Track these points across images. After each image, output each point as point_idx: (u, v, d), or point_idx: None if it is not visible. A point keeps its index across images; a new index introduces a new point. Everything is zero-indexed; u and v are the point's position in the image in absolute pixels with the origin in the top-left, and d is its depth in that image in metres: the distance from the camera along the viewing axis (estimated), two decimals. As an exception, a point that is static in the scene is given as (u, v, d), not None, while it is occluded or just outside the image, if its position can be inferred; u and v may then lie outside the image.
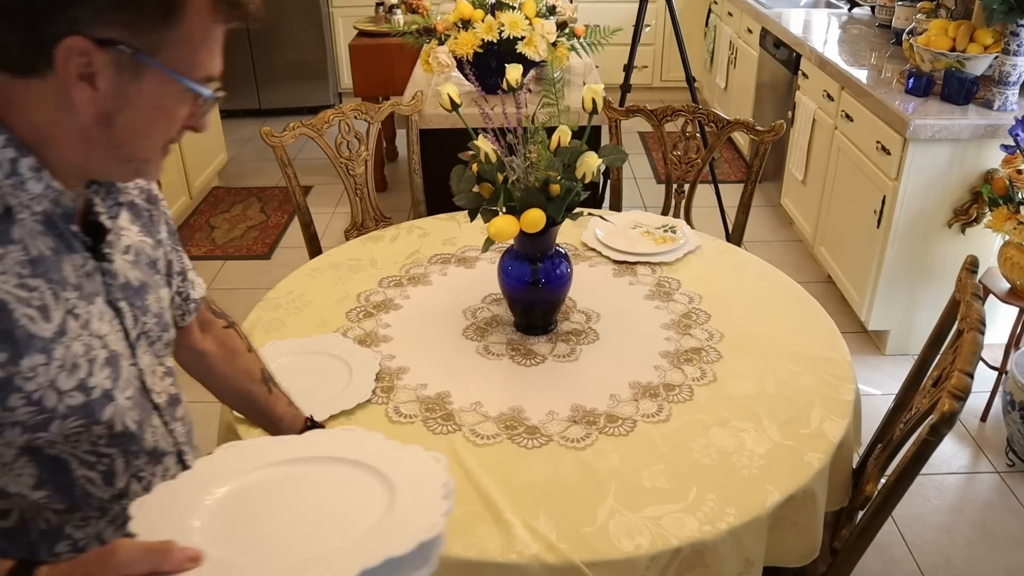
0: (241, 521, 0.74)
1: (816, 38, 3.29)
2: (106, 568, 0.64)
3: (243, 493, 0.78)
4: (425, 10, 2.56)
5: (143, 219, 0.93)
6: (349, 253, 1.84)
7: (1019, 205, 2.23)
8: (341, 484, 0.79)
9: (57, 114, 0.70)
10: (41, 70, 0.67)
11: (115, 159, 0.75)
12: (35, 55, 0.66)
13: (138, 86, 0.70)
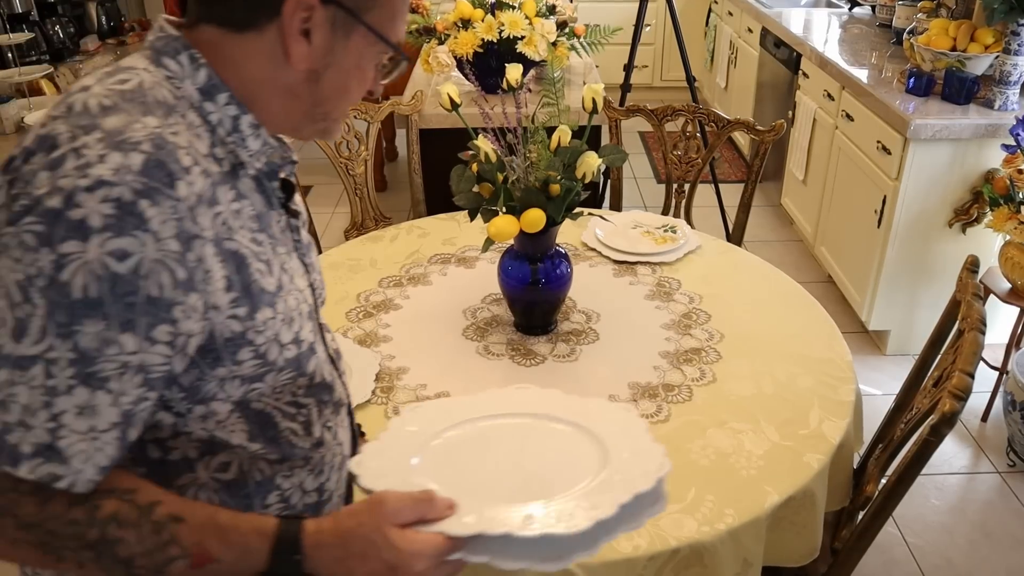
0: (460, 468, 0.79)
1: (816, 38, 3.29)
2: (378, 518, 0.69)
3: (453, 444, 0.83)
4: (425, 10, 2.55)
5: None
6: (349, 253, 1.84)
7: (1020, 205, 2.23)
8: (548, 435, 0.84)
9: (269, 70, 0.72)
10: (261, 24, 0.70)
11: (311, 117, 0.77)
12: (259, 9, 0.69)
13: (345, 44, 0.73)
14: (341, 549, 0.70)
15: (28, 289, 0.60)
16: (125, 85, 0.68)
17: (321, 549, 0.69)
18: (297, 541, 0.69)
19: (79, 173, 0.61)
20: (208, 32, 0.71)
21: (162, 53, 0.72)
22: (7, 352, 0.61)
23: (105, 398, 0.63)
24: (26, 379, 0.61)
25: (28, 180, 0.62)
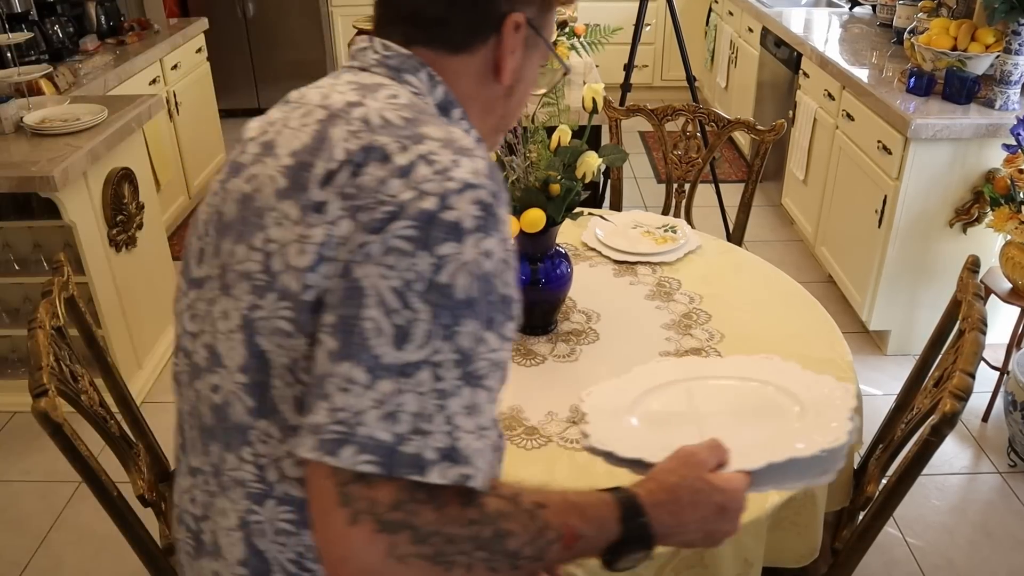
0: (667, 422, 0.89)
1: (817, 37, 3.28)
2: (696, 468, 0.75)
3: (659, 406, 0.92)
4: (425, 9, 2.55)
5: None
6: (348, 253, 1.84)
7: (1020, 205, 2.23)
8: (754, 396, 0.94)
9: (475, 87, 0.76)
10: (475, 46, 0.74)
11: (498, 129, 0.82)
12: (477, 32, 0.74)
13: (530, 60, 0.79)
14: (673, 504, 0.73)
15: (406, 294, 0.60)
16: (400, 99, 0.71)
17: (657, 507, 0.72)
18: (637, 505, 0.71)
19: (442, 177, 0.62)
20: (422, 53, 0.75)
21: (401, 70, 0.74)
22: (388, 362, 0.59)
23: (484, 396, 0.63)
24: (413, 385, 0.59)
25: (375, 188, 0.62)
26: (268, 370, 0.67)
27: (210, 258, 0.73)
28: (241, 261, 0.68)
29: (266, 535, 0.71)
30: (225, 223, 0.72)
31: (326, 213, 0.64)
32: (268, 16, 4.88)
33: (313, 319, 0.63)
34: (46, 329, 1.27)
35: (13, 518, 2.15)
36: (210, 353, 0.72)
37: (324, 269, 0.63)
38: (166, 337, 2.82)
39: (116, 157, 2.49)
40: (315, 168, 0.66)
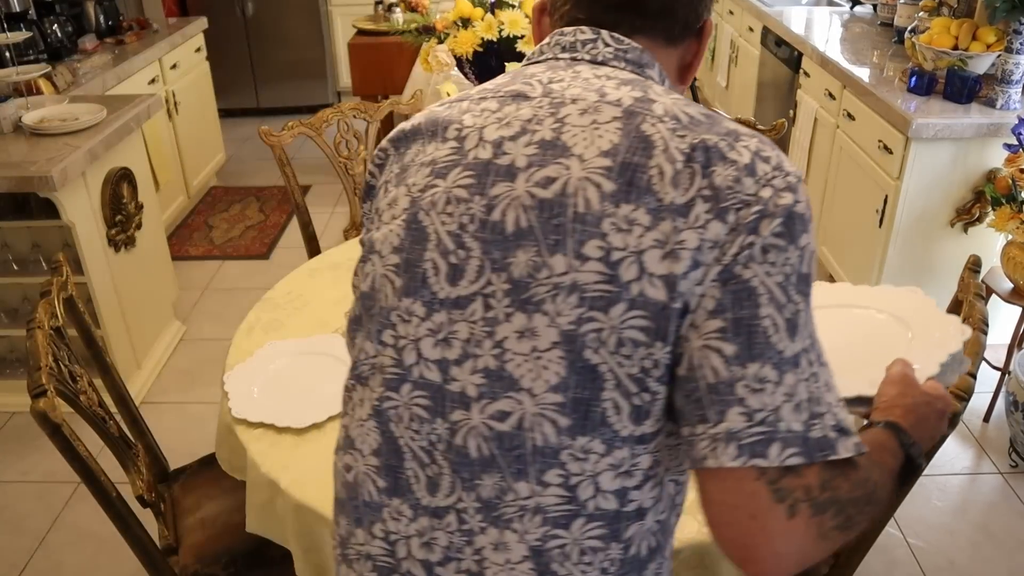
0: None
1: (818, 36, 3.28)
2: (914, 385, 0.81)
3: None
4: (424, 8, 2.55)
5: None
6: (348, 253, 1.83)
7: (1022, 204, 2.22)
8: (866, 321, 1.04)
9: (673, 79, 0.78)
10: (683, 41, 0.76)
11: None
12: (688, 28, 0.75)
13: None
14: (920, 421, 0.78)
15: (787, 288, 0.61)
16: (674, 94, 0.71)
17: (913, 429, 0.76)
18: (905, 431, 0.75)
19: (782, 172, 0.64)
20: (642, 43, 0.74)
21: (641, 65, 0.73)
22: (788, 355, 0.61)
23: (828, 368, 0.65)
24: (802, 374, 0.62)
25: (733, 188, 0.62)
26: (598, 384, 0.63)
27: (480, 273, 0.66)
28: (562, 273, 0.63)
29: (569, 557, 0.69)
30: (508, 234, 0.65)
31: (691, 217, 0.62)
32: (267, 15, 4.88)
33: (677, 326, 0.62)
34: (45, 329, 1.27)
35: (12, 519, 2.15)
36: (492, 379, 0.66)
37: (696, 274, 0.61)
38: (165, 337, 2.82)
39: (115, 157, 2.48)
40: (649, 169, 0.63)
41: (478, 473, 0.68)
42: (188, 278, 3.27)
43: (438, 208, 0.68)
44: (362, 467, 0.74)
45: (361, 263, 0.75)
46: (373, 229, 0.74)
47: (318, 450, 1.24)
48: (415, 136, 0.74)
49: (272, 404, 1.33)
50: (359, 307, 0.74)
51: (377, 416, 0.72)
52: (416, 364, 0.69)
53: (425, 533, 0.71)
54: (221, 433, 1.38)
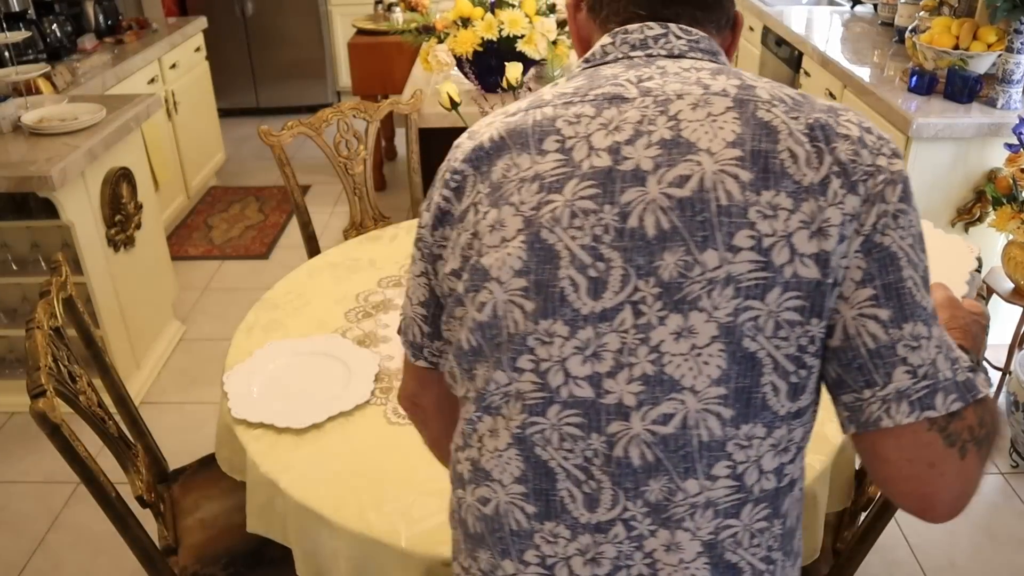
0: None
1: (818, 36, 3.28)
2: (958, 305, 0.83)
3: None
4: (424, 8, 2.54)
5: None
6: (348, 253, 1.83)
7: (1023, 204, 2.22)
8: None
9: None
10: (724, 32, 0.79)
11: None
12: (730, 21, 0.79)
13: None
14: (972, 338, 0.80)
15: (916, 248, 0.66)
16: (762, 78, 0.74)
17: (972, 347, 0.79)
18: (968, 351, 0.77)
19: (885, 140, 0.68)
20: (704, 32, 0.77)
21: (715, 53, 0.75)
22: (930, 309, 0.66)
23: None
24: (937, 323, 0.66)
25: (855, 161, 0.66)
26: (758, 371, 0.65)
27: (625, 282, 0.66)
28: (715, 267, 0.64)
29: (741, 544, 0.71)
30: (651, 238, 0.65)
31: (830, 194, 0.64)
32: (267, 15, 4.87)
33: (830, 299, 0.65)
34: (44, 329, 1.26)
35: (11, 519, 2.15)
36: (651, 384, 0.66)
37: (841, 248, 0.64)
38: (164, 337, 2.82)
39: (114, 157, 2.48)
40: (779, 154, 0.64)
41: (643, 480, 0.68)
42: (187, 278, 3.27)
43: (563, 224, 0.67)
44: (504, 497, 0.73)
45: (472, 292, 0.71)
46: (472, 255, 0.71)
47: (318, 450, 1.24)
48: (499, 152, 0.71)
49: (272, 404, 1.33)
50: (475, 338, 0.72)
51: (519, 444, 0.71)
52: (564, 384, 0.68)
53: (589, 550, 0.71)
54: (221, 433, 1.37)
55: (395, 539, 1.08)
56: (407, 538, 1.08)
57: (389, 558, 1.08)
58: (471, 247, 0.71)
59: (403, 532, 1.09)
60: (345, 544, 1.11)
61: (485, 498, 0.75)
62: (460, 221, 0.73)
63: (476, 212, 0.71)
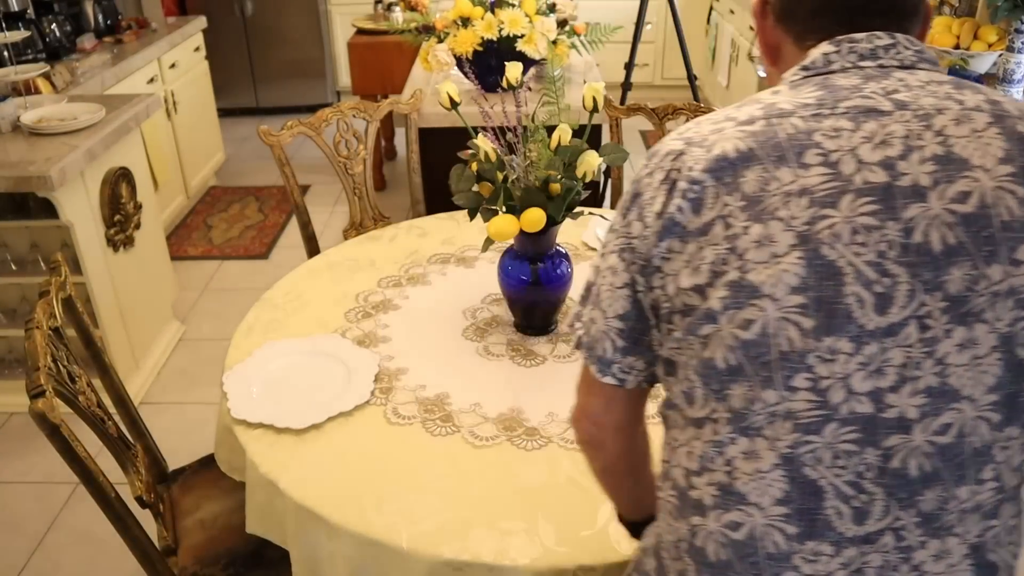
0: None
1: (818, 36, 3.27)
2: None
3: None
4: (424, 7, 2.54)
5: None
6: (347, 253, 1.83)
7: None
8: None
9: None
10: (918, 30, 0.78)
11: None
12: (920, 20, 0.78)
13: None
14: None
15: None
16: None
17: None
18: None
19: None
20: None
21: (935, 63, 0.75)
22: None
23: None
24: None
25: None
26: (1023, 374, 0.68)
27: (912, 297, 0.67)
28: (999, 281, 0.66)
29: (1000, 542, 0.74)
30: (937, 253, 0.66)
31: None
32: (267, 15, 4.87)
33: None
34: (43, 329, 1.26)
35: (10, 520, 2.14)
36: (933, 396, 0.68)
37: None
38: (164, 337, 2.81)
39: (114, 156, 2.48)
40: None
41: (919, 490, 0.69)
42: (187, 278, 3.27)
43: (843, 240, 0.67)
44: (761, 520, 0.72)
45: (732, 309, 0.69)
46: (730, 271, 0.69)
47: (317, 451, 1.24)
48: (746, 163, 0.70)
49: (271, 404, 1.32)
50: (736, 356, 0.70)
51: (787, 464, 0.70)
52: (845, 401, 0.68)
53: (853, 562, 0.71)
54: (220, 433, 1.37)
55: (396, 539, 1.08)
56: (408, 538, 1.08)
57: (390, 559, 1.08)
58: (725, 263, 0.69)
59: (404, 532, 1.09)
60: (345, 545, 1.11)
61: (736, 523, 0.73)
62: (702, 234, 0.71)
63: (727, 226, 0.70)
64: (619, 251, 0.77)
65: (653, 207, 0.74)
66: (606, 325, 0.79)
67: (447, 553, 1.06)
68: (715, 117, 0.76)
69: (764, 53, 0.84)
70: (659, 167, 0.75)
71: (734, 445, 0.72)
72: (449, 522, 1.10)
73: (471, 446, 1.24)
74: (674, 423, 0.79)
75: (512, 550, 1.06)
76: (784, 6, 0.80)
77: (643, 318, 0.78)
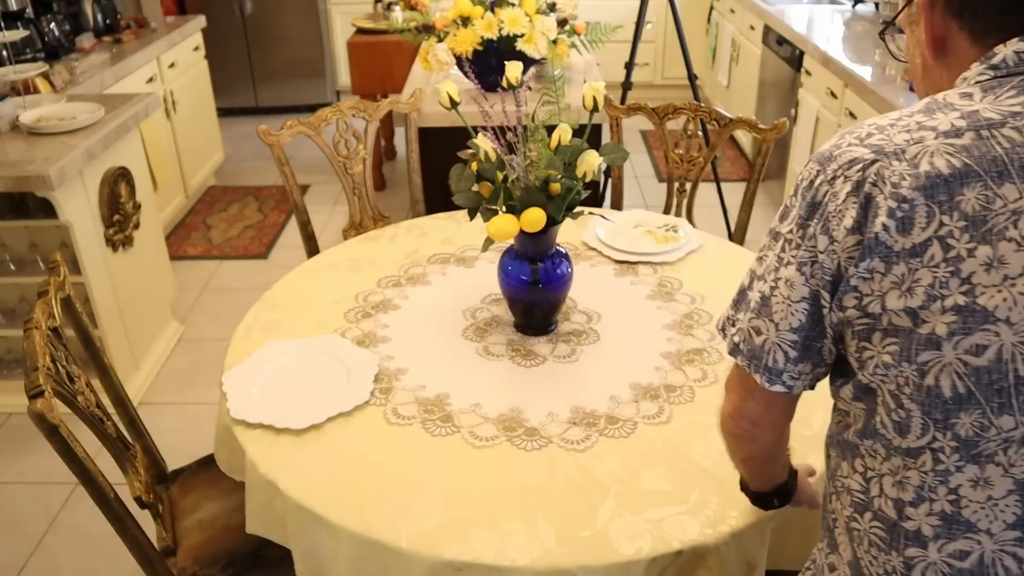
0: None
1: (819, 35, 3.27)
2: None
3: None
4: (424, 7, 2.53)
5: None
6: (347, 253, 1.82)
7: None
8: None
9: None
10: None
11: None
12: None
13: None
14: None
15: None
16: None
17: None
18: None
19: None
20: None
21: None
22: None
23: None
24: None
25: None
26: None
27: None
28: None
29: None
30: None
31: None
32: (266, 14, 4.86)
33: None
34: (42, 330, 1.26)
35: (9, 520, 2.14)
36: None
37: None
38: (163, 337, 2.81)
39: (113, 156, 2.47)
40: None
41: None
42: (186, 278, 3.26)
43: None
44: (991, 547, 0.72)
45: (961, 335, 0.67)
46: (952, 295, 0.67)
47: (317, 451, 1.23)
48: (964, 180, 0.67)
49: (271, 405, 1.32)
50: (965, 383, 0.68)
51: (1021, 489, 0.70)
52: None
53: None
54: (220, 434, 1.37)
55: (396, 540, 1.07)
56: (408, 539, 1.07)
57: (390, 559, 1.08)
58: (946, 286, 0.67)
59: (403, 533, 1.08)
60: (345, 545, 1.10)
61: (963, 551, 0.72)
62: (914, 256, 0.68)
63: (946, 248, 0.67)
64: (799, 264, 0.74)
65: (843, 221, 0.71)
66: (778, 338, 0.77)
67: (447, 554, 1.05)
68: (903, 123, 0.72)
69: (928, 44, 0.78)
70: (843, 176, 0.71)
71: (960, 473, 0.71)
72: (449, 522, 1.10)
73: (471, 446, 1.24)
74: (872, 452, 0.77)
75: (512, 550, 1.06)
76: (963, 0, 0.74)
77: (820, 330, 0.76)
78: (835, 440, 0.83)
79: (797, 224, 0.74)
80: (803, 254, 0.74)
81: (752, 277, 0.81)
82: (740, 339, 0.81)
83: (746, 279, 0.82)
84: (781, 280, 0.76)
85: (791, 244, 0.75)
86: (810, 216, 0.73)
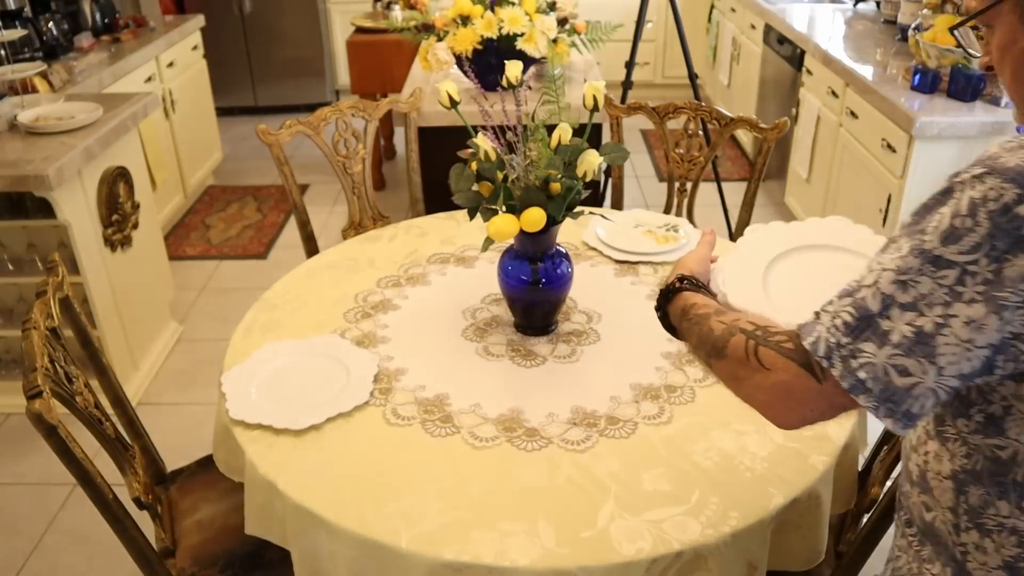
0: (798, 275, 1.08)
1: (820, 34, 3.26)
2: None
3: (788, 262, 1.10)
4: (424, 6, 2.53)
5: None
6: (347, 253, 1.82)
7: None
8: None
9: None
10: None
11: None
12: None
13: None
14: None
15: None
16: None
17: None
18: None
19: None
20: None
21: None
22: None
23: None
24: None
25: None
26: None
27: None
28: None
29: None
30: None
31: None
32: (265, 13, 4.86)
33: None
34: (41, 330, 1.25)
35: (7, 521, 2.13)
36: None
37: None
38: (162, 338, 2.80)
39: (111, 156, 2.47)
40: None
41: None
42: (185, 278, 3.26)
43: None
44: None
45: None
46: None
47: (316, 451, 1.23)
48: None
49: (270, 405, 1.32)
50: None
51: None
52: None
53: None
54: (219, 434, 1.36)
55: (395, 540, 1.07)
56: (408, 540, 1.07)
57: (389, 560, 1.07)
58: None
59: (403, 534, 1.08)
60: (345, 546, 1.10)
61: None
62: None
63: None
64: (998, 307, 0.64)
65: None
66: (937, 383, 0.67)
67: (447, 554, 1.05)
68: None
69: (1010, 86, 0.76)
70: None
71: None
72: (449, 523, 1.10)
73: (471, 447, 1.23)
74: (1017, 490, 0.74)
75: (512, 551, 1.05)
76: None
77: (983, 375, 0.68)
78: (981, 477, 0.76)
79: (988, 257, 0.64)
80: (1005, 296, 0.64)
81: (887, 304, 0.68)
82: (869, 376, 0.69)
83: (872, 303, 0.69)
84: (957, 319, 0.65)
85: (975, 279, 0.64)
86: (1013, 251, 0.63)
